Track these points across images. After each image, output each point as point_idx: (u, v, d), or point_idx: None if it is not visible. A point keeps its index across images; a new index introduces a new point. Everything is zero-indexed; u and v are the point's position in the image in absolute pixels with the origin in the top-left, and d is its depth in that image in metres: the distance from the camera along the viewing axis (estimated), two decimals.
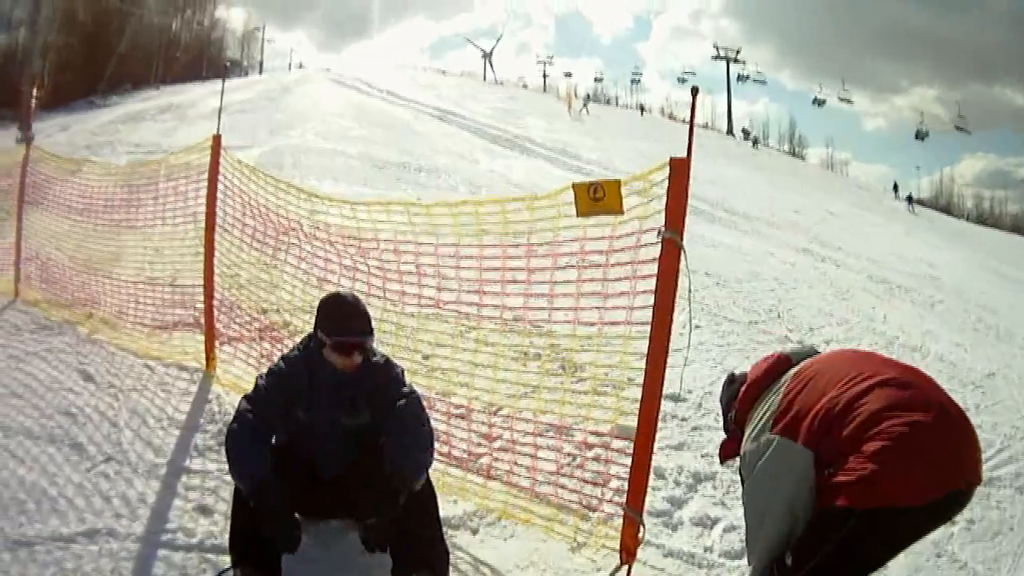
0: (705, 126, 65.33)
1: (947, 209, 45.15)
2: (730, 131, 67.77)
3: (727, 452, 2.93)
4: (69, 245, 7.42)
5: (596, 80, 72.66)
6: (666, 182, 2.94)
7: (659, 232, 2.93)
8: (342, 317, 3.37)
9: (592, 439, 4.27)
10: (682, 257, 2.94)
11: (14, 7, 39.91)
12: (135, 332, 6.17)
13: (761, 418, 2.63)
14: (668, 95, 75.62)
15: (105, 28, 42.57)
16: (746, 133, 66.44)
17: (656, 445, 4.30)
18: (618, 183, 3.00)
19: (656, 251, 3.01)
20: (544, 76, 68.68)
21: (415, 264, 4.42)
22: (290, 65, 56.73)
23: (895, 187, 53.65)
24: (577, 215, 3.12)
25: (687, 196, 2.92)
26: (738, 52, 71.32)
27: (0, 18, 40.17)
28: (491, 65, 64.60)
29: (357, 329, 3.36)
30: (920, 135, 63.21)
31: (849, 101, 65.59)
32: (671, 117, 64.03)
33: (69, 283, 7.15)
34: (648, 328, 3.09)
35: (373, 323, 3.45)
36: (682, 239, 2.91)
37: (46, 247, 7.63)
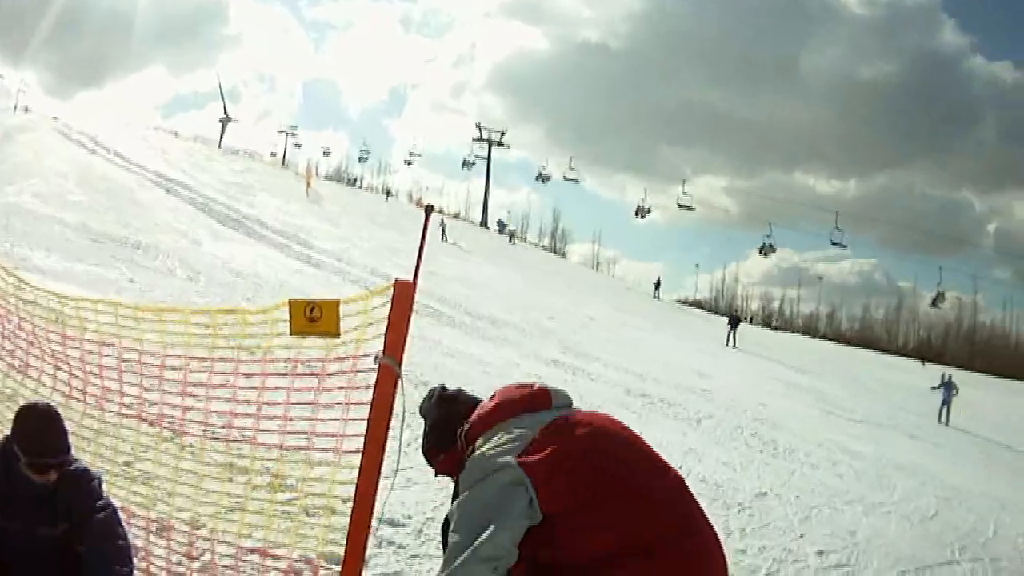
0: (457, 216, 63.36)
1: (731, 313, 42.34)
2: (484, 223, 65.00)
3: (446, 468, 2.64)
4: None
5: (325, 154, 67.89)
6: (388, 305, 2.82)
7: (376, 357, 2.78)
8: (37, 436, 3.24)
9: (300, 565, 3.99)
10: (399, 382, 2.78)
11: None
12: None
13: (503, 441, 2.40)
14: (418, 179, 73.31)
15: None
16: (502, 225, 63.54)
17: (371, 573, 4.10)
18: (336, 304, 2.85)
19: (373, 376, 2.86)
20: (284, 149, 65.50)
21: (118, 360, 4.10)
22: (15, 107, 51.85)
23: (657, 284, 51.54)
24: (290, 333, 2.94)
25: (409, 321, 2.79)
26: (502, 135, 67.16)
27: None
28: (224, 131, 61.31)
29: (52, 450, 3.25)
30: (640, 212, 59.89)
31: (575, 180, 61.95)
32: (419, 204, 61.21)
33: None
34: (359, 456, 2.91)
35: (71, 432, 3.36)
36: (401, 365, 2.77)
37: None
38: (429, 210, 3.10)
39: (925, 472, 12.84)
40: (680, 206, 58.57)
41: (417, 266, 2.88)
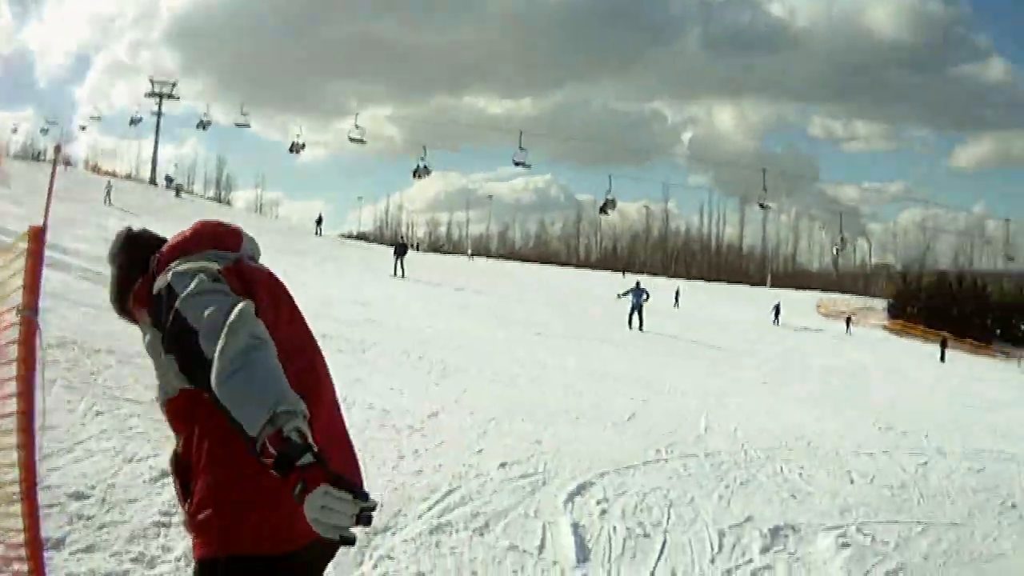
0: (129, 177, 62.06)
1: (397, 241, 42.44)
2: (153, 180, 64.31)
3: (139, 300, 2.30)
4: None
5: (13, 132, 66.27)
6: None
7: (17, 310, 2.73)
8: None
9: (10, 554, 3.85)
10: (40, 332, 2.63)
11: None
12: None
13: (199, 260, 2.18)
14: (96, 144, 70.48)
15: None
16: (169, 180, 62.73)
17: (68, 551, 4.00)
18: None
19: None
20: None
21: None
22: None
23: (318, 221, 50.51)
24: None
25: (42, 267, 2.69)
26: (174, 86, 68.74)
27: None
28: None
29: None
30: (295, 147, 62.09)
31: (247, 125, 64.04)
32: (95, 170, 60.47)
33: None
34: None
35: None
36: (37, 314, 2.65)
37: None
38: (57, 149, 3.11)
39: (618, 376, 12.82)
40: (352, 140, 60.40)
41: (47, 209, 2.83)
